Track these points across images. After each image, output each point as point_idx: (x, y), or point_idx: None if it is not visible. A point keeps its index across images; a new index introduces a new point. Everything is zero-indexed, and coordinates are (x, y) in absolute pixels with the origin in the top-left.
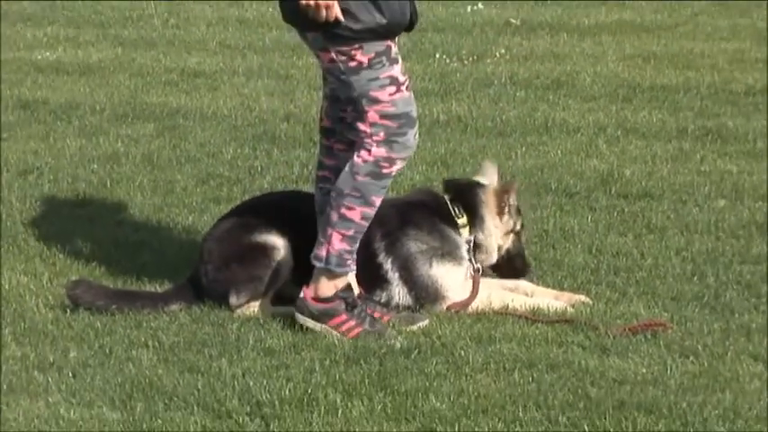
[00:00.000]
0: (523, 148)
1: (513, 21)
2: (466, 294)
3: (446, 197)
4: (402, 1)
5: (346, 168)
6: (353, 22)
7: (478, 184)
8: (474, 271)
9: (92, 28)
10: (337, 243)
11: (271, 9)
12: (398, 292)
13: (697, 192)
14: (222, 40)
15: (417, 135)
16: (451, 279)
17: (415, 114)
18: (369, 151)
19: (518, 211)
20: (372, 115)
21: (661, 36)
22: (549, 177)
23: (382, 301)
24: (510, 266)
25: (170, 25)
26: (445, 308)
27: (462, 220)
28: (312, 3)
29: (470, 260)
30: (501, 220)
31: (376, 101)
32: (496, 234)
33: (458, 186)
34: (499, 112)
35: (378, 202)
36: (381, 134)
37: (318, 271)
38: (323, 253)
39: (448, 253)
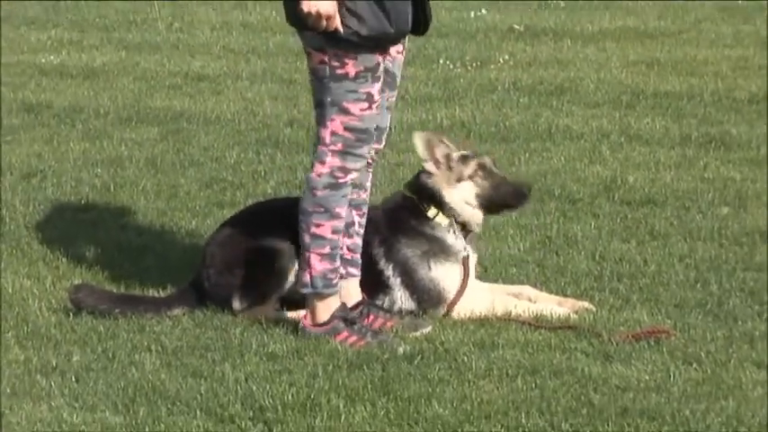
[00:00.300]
0: (527, 155)
1: (517, 26)
2: (466, 293)
3: (412, 197)
4: (404, 5)
5: (304, 188)
6: (362, 27)
7: (421, 170)
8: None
9: (95, 31)
10: (318, 264)
11: (274, 13)
12: (400, 297)
13: (700, 199)
14: (226, 45)
15: (371, 149)
16: (451, 279)
17: (374, 130)
18: (323, 162)
19: (463, 158)
20: (337, 125)
21: (664, 43)
22: (553, 183)
23: (385, 305)
24: (500, 203)
25: (174, 29)
26: (445, 309)
27: (432, 211)
28: (313, 11)
29: (464, 245)
30: (440, 176)
31: (346, 112)
32: (454, 194)
33: (412, 183)
34: (503, 117)
35: (343, 212)
36: (339, 145)
37: (309, 297)
38: (307, 278)
39: (441, 251)
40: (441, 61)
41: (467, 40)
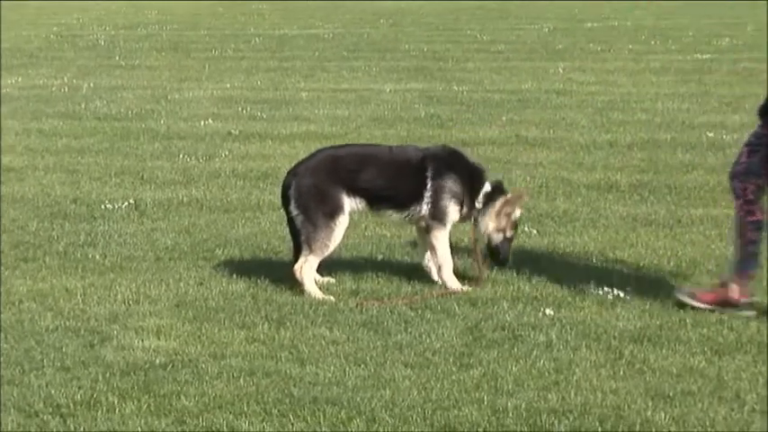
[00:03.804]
0: (243, 221)
1: (234, 131)
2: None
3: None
4: None
5: None
6: None
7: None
8: None
9: None
10: None
11: (61, 123)
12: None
13: None
14: (27, 145)
15: None
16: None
17: None
18: None
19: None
20: None
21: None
22: (261, 242)
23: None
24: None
25: None
26: None
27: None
28: None
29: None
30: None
31: None
32: (489, 225)
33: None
34: (225, 195)
35: None
36: None
37: None
38: None
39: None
40: (181, 156)
41: (199, 140)
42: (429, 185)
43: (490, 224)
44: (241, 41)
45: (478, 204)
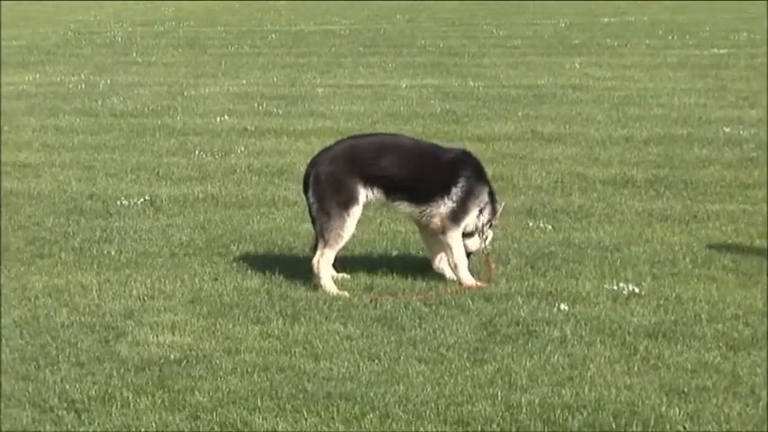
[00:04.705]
0: (258, 217)
1: (249, 127)
2: None
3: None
4: None
5: None
6: None
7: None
8: None
9: None
10: None
11: (78, 119)
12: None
13: None
14: (43, 142)
15: None
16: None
17: None
18: None
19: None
20: None
21: None
22: (276, 238)
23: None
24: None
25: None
26: None
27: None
28: None
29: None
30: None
31: None
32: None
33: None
34: (241, 191)
35: None
36: None
37: None
38: None
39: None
40: (196, 152)
41: (215, 136)
42: (461, 184)
43: (491, 235)
44: (257, 38)
45: (495, 221)
